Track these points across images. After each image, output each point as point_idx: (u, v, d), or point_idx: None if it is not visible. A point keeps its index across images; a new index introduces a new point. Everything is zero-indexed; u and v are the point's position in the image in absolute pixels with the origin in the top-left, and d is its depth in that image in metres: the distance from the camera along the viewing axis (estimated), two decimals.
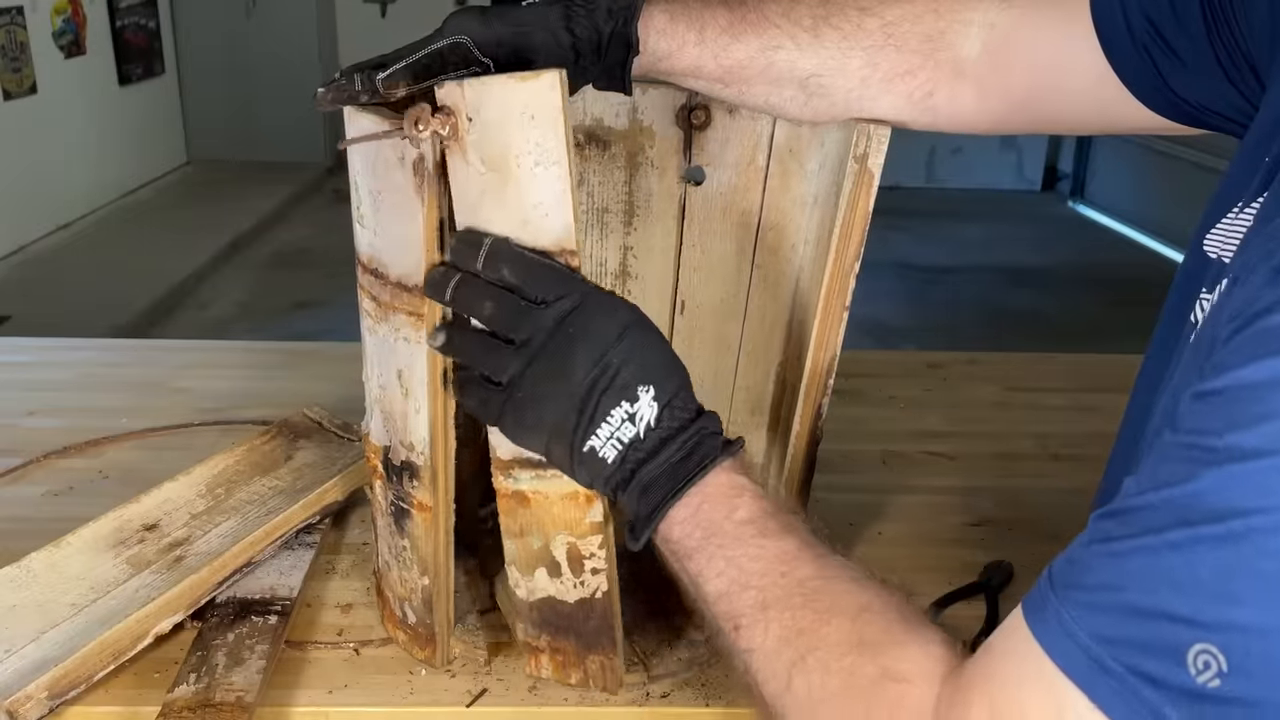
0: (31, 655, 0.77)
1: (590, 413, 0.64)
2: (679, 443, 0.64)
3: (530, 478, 0.72)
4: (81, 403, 1.26)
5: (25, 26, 5.23)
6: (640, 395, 0.64)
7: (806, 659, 0.56)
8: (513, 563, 0.76)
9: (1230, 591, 0.42)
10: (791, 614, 0.58)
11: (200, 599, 0.83)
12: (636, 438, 0.64)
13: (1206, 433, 0.44)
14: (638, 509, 0.65)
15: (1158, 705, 0.43)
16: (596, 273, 0.96)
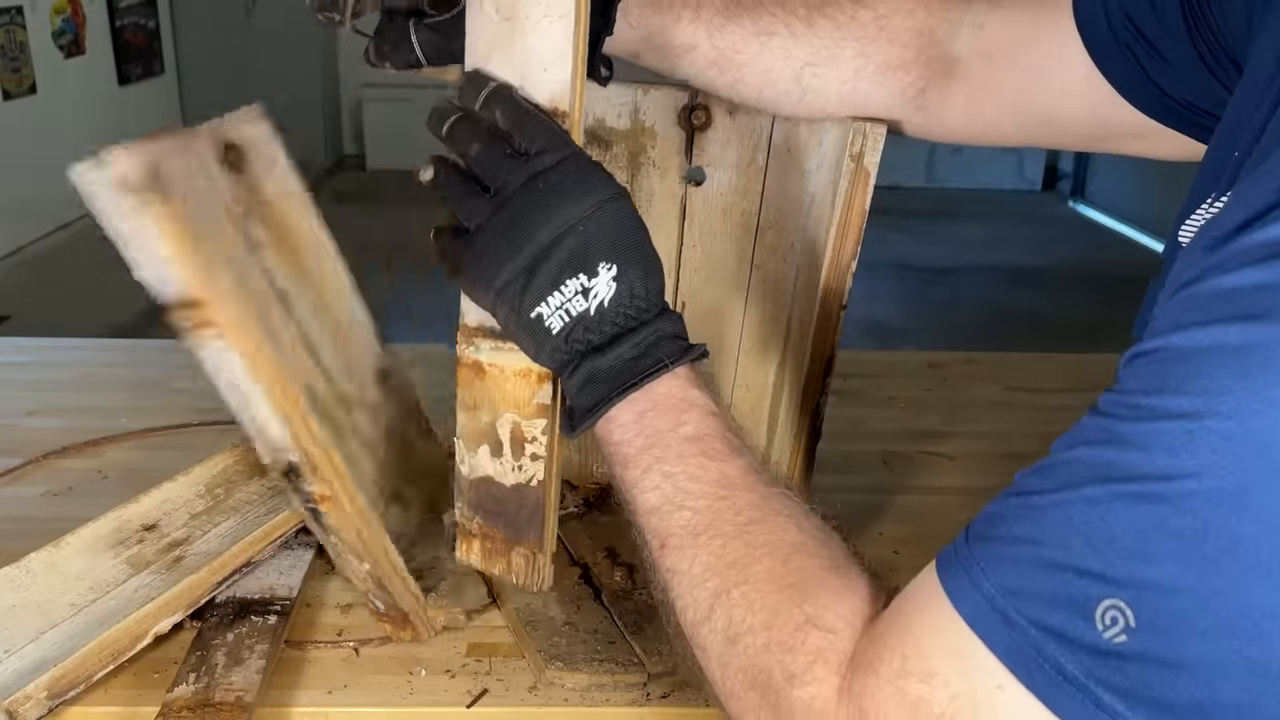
0: (31, 655, 0.77)
1: (543, 276, 0.61)
2: (635, 339, 0.62)
3: (490, 348, 0.71)
4: (81, 403, 1.26)
5: (25, 26, 5.23)
6: (600, 271, 0.61)
7: (731, 592, 0.55)
8: (460, 437, 0.75)
9: (1144, 550, 0.42)
10: (723, 543, 0.56)
11: (200, 599, 0.83)
12: (586, 313, 0.61)
13: (1133, 392, 0.44)
14: (578, 399, 0.63)
15: (1058, 659, 0.43)
16: None
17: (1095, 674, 0.43)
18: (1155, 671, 0.42)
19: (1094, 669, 0.43)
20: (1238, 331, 0.41)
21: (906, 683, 0.47)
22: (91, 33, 5.95)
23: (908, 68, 0.78)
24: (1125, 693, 0.42)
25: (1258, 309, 0.41)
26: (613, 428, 0.62)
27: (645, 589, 0.89)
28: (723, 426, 0.61)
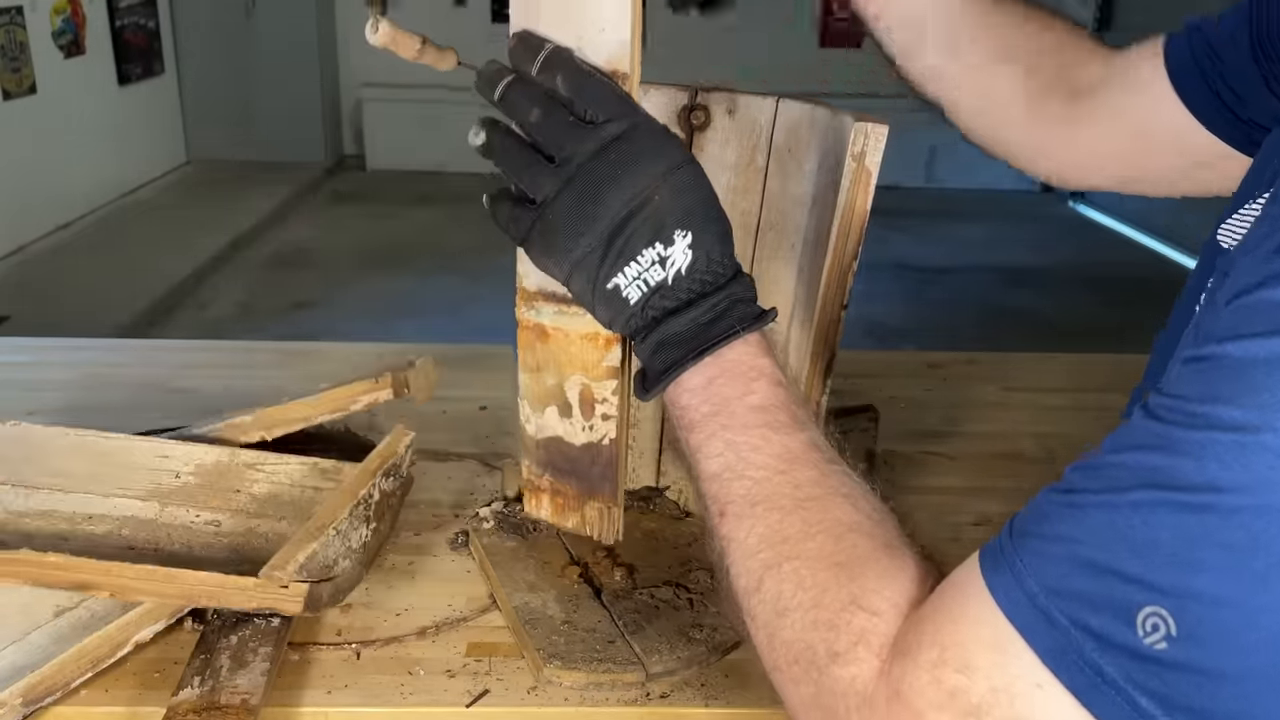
0: (11, 659, 0.77)
1: (620, 247, 0.61)
2: (709, 304, 0.62)
3: (553, 312, 0.70)
4: (81, 403, 1.26)
5: (25, 26, 5.23)
6: (676, 239, 0.61)
7: (783, 566, 0.55)
8: (524, 398, 0.75)
9: (1190, 559, 0.42)
10: (779, 516, 0.57)
11: (184, 607, 0.82)
12: (664, 283, 0.61)
13: (1188, 399, 0.44)
14: (652, 363, 0.63)
15: (1097, 661, 0.43)
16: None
17: (1134, 678, 0.43)
18: (1194, 681, 0.42)
19: (1133, 673, 0.43)
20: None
21: (943, 672, 0.47)
22: (91, 33, 5.95)
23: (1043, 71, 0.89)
24: (1163, 699, 0.42)
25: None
26: (681, 391, 0.62)
27: (645, 589, 0.90)
28: (788, 398, 0.61)
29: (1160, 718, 0.42)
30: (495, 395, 1.31)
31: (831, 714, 0.52)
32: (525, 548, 0.95)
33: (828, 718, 0.52)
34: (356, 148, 7.60)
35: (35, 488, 0.95)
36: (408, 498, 1.00)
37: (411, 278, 5.27)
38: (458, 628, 0.87)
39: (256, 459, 0.98)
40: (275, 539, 0.89)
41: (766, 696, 0.81)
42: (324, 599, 0.81)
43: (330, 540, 0.83)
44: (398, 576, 0.94)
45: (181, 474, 0.97)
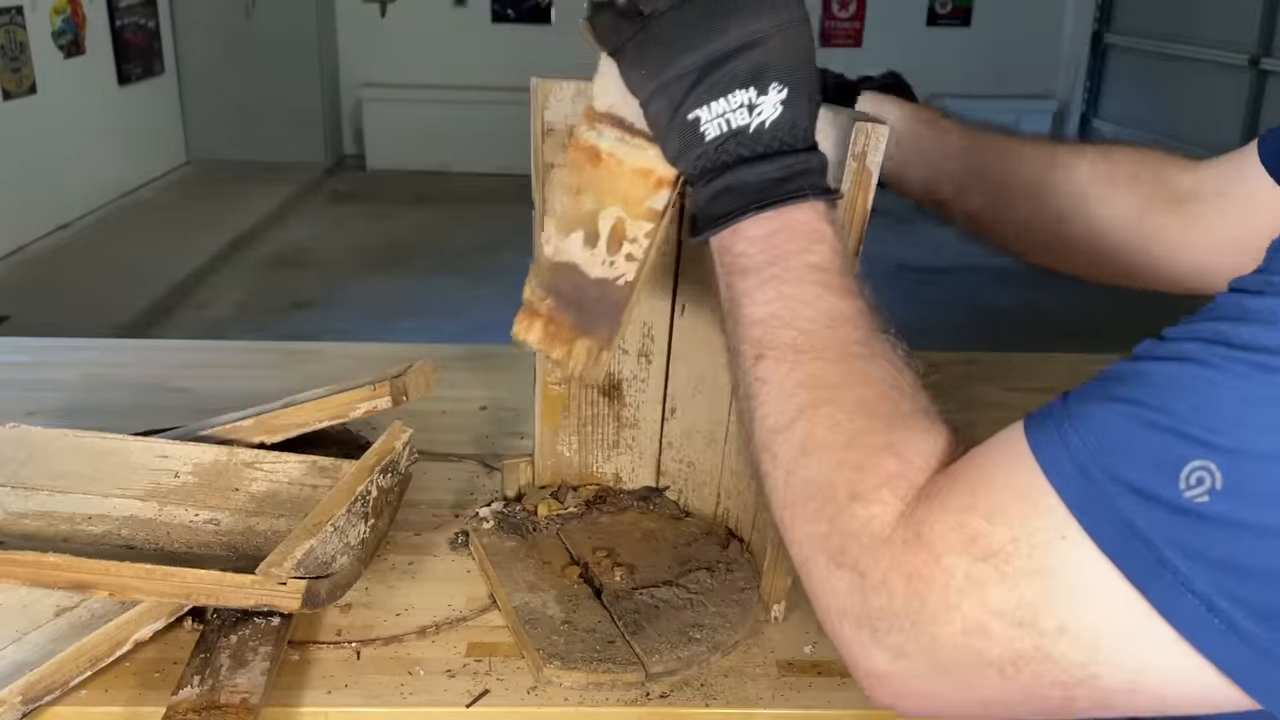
0: (11, 657, 0.78)
1: (714, 80, 0.61)
2: (783, 162, 0.61)
3: (614, 137, 0.69)
4: (81, 403, 1.26)
5: (25, 26, 5.23)
6: (771, 91, 0.61)
7: (820, 409, 0.56)
8: (552, 217, 0.74)
9: (1250, 417, 0.43)
10: (822, 365, 0.57)
11: (183, 605, 0.82)
12: (745, 129, 0.61)
13: (1268, 271, 0.46)
14: (710, 207, 0.63)
15: (1130, 515, 0.44)
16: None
17: (1166, 532, 0.43)
18: (1233, 535, 0.42)
19: (1166, 527, 0.43)
20: None
21: (969, 517, 0.47)
22: (91, 33, 5.95)
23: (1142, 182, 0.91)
24: (1193, 553, 0.43)
25: None
26: (738, 239, 0.62)
27: (645, 589, 0.90)
28: (845, 268, 0.61)
29: (1184, 571, 0.43)
30: (495, 395, 1.31)
31: (839, 552, 0.52)
32: (525, 548, 0.95)
33: (834, 557, 0.52)
34: (356, 148, 7.60)
35: (35, 488, 0.95)
36: (408, 497, 1.00)
37: (411, 278, 5.27)
38: (458, 628, 0.87)
39: (255, 458, 0.98)
40: (274, 537, 0.89)
41: (766, 697, 0.81)
42: (322, 596, 0.81)
43: (328, 537, 0.83)
44: (398, 576, 0.94)
45: (180, 473, 0.97)
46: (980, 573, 0.46)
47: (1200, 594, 0.43)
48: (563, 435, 1.02)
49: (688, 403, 1.00)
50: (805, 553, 0.54)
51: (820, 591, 0.53)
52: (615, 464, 1.04)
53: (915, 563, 0.48)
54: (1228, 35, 6.18)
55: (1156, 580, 0.43)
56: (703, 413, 0.99)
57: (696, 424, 1.00)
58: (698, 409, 1.00)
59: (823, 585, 0.53)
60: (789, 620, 0.90)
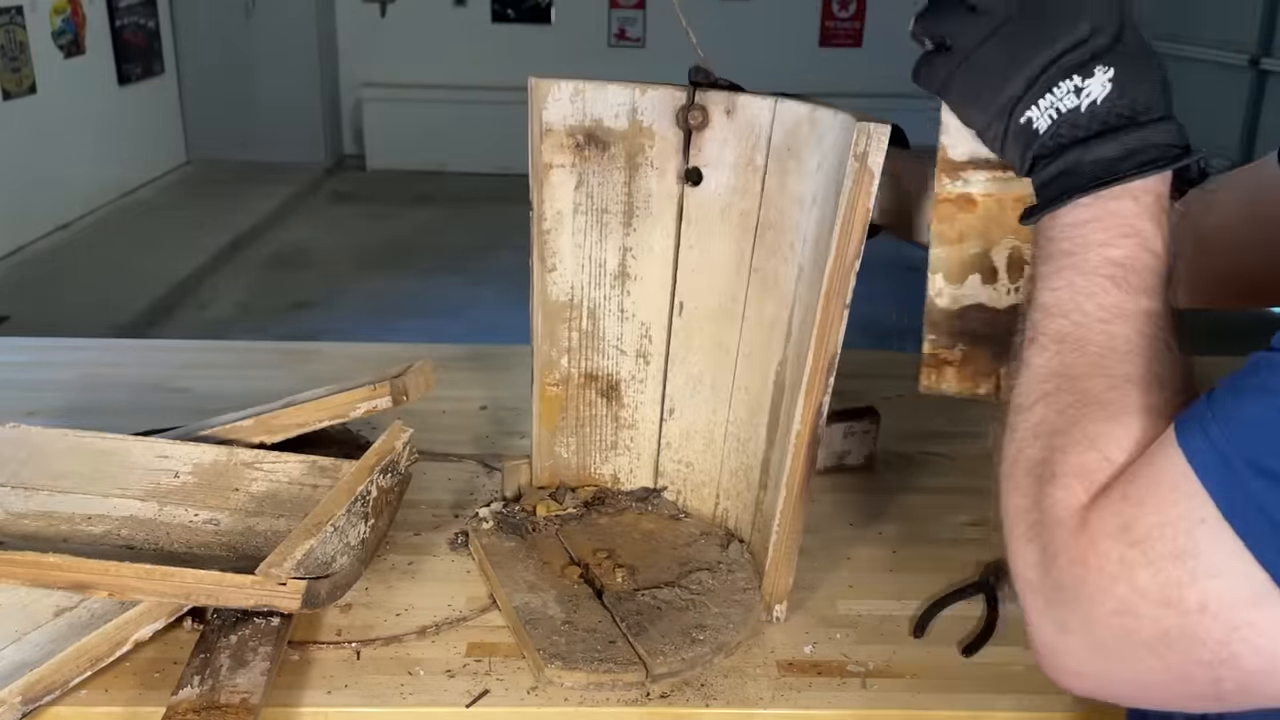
0: (11, 657, 0.77)
1: (1037, 85, 0.63)
2: (1118, 139, 0.61)
3: (984, 179, 0.72)
4: (81, 403, 1.26)
5: (25, 26, 5.23)
6: (1096, 72, 0.61)
7: (1059, 396, 0.58)
8: (938, 271, 0.75)
9: None
10: (1077, 357, 0.59)
11: (182, 605, 0.82)
12: (1075, 110, 0.62)
13: None
14: (1044, 191, 0.64)
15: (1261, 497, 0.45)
16: (595, 274, 0.96)
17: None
18: None
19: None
20: None
21: (1123, 505, 0.51)
22: (91, 33, 5.95)
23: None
24: None
25: None
26: (1054, 225, 0.63)
27: (647, 590, 0.89)
28: (1153, 267, 0.60)
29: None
30: (495, 395, 1.31)
31: (1031, 528, 0.55)
32: (525, 548, 0.95)
33: (1029, 529, 0.55)
34: (356, 148, 7.59)
35: (35, 489, 0.95)
36: (408, 497, 1.00)
37: (411, 278, 5.27)
38: (458, 628, 0.87)
39: (255, 458, 0.98)
40: (274, 537, 0.89)
41: (766, 697, 0.81)
42: (322, 596, 0.81)
43: (328, 537, 0.83)
44: (398, 576, 0.94)
45: (180, 474, 0.97)
46: (1131, 557, 0.49)
47: None
48: (561, 436, 1.02)
49: (686, 403, 1.00)
50: (1010, 521, 0.58)
51: (1015, 557, 0.57)
52: (613, 465, 1.04)
53: (1079, 547, 0.52)
54: (1228, 35, 6.18)
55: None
56: (702, 413, 0.99)
57: (695, 425, 1.00)
58: (696, 410, 1.00)
59: (1017, 553, 0.57)
60: (789, 620, 0.89)
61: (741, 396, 0.95)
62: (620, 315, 0.98)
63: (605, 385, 1.00)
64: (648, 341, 0.98)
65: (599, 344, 0.98)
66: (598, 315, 0.97)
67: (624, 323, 0.98)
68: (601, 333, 0.98)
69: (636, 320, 0.98)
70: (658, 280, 0.96)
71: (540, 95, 0.90)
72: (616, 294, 0.97)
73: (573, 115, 0.90)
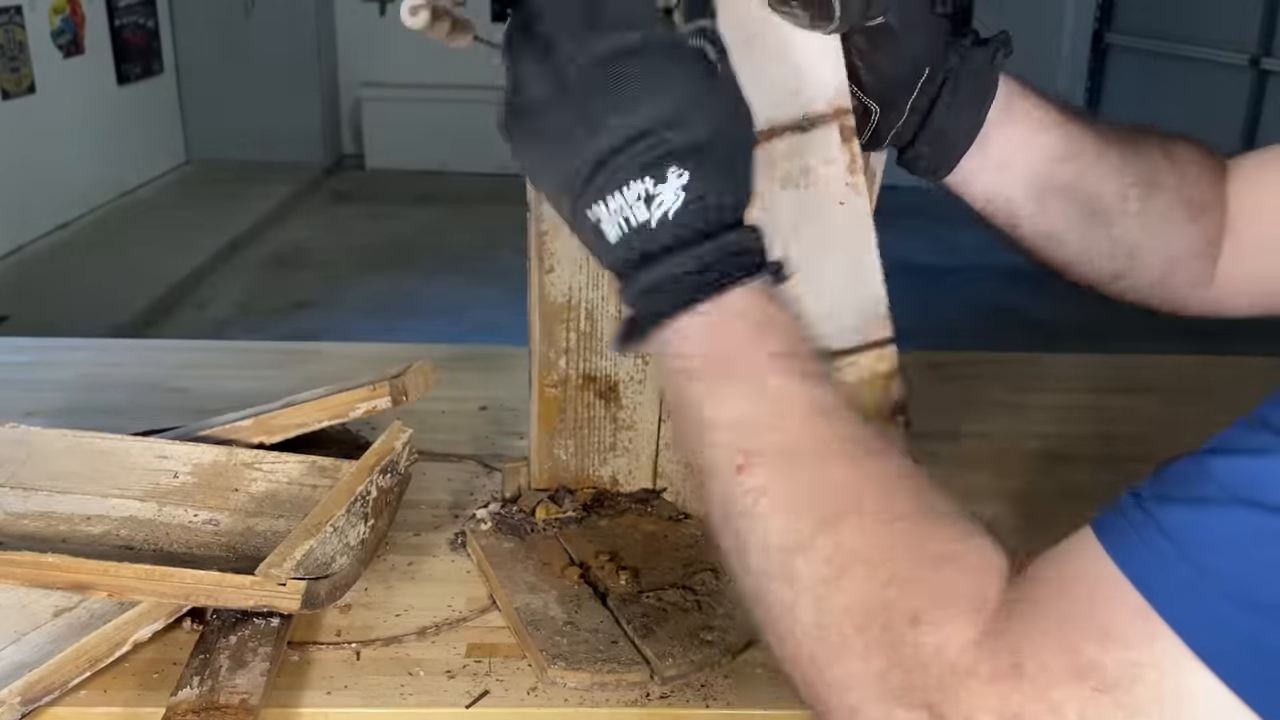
0: (10, 658, 0.77)
1: (606, 176, 0.54)
2: (692, 253, 0.53)
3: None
4: (80, 403, 1.26)
5: (24, 26, 5.23)
6: (670, 177, 0.53)
7: (844, 519, 0.48)
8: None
9: None
10: (827, 468, 0.50)
11: (182, 606, 0.82)
12: (646, 224, 0.54)
13: None
14: (640, 309, 0.56)
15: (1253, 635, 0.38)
16: (593, 274, 0.96)
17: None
18: None
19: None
20: None
21: (1076, 641, 0.41)
22: (91, 32, 5.95)
23: (1211, 210, 0.77)
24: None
25: None
26: (678, 340, 0.54)
27: (651, 592, 0.89)
28: (808, 352, 0.55)
29: None
30: (495, 395, 1.31)
31: (904, 691, 0.44)
32: (524, 549, 0.95)
33: (897, 697, 0.44)
34: (356, 147, 7.59)
35: (34, 489, 0.95)
36: (407, 498, 1.00)
37: (412, 278, 5.27)
38: (457, 628, 0.87)
39: (254, 458, 0.98)
40: (274, 537, 0.89)
41: (766, 697, 0.81)
42: (322, 596, 0.81)
43: (328, 537, 0.82)
44: (397, 577, 0.94)
45: (180, 474, 0.97)
46: (1099, 707, 0.40)
47: None
48: (559, 439, 1.02)
49: None
50: (854, 699, 0.46)
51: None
52: (612, 466, 1.04)
53: (1015, 700, 0.41)
54: (1228, 35, 6.18)
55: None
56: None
57: None
58: None
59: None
60: None
61: None
62: (619, 316, 0.97)
63: (604, 387, 1.00)
64: None
65: (597, 345, 0.98)
66: (596, 316, 0.97)
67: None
68: (600, 334, 0.98)
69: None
70: None
71: None
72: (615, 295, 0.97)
73: None
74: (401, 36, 7.70)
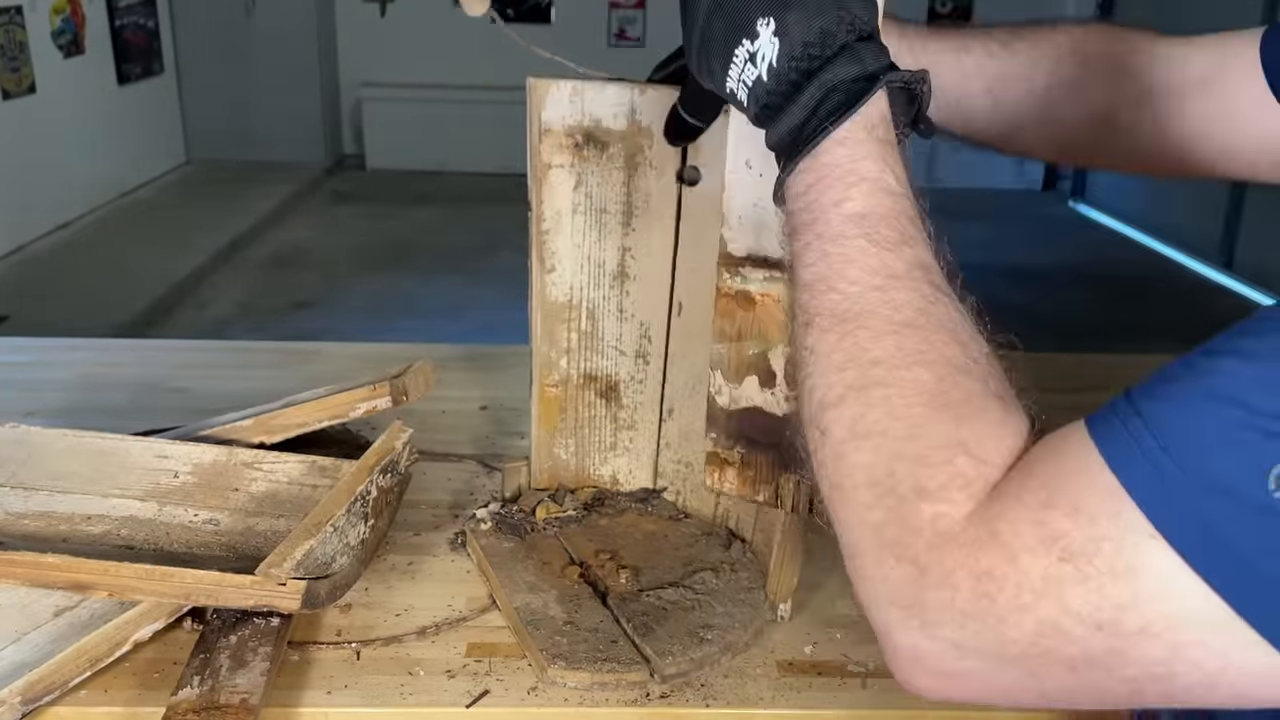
0: (11, 657, 0.77)
1: (712, 50, 0.59)
2: (803, 100, 0.56)
3: (761, 278, 0.69)
4: (81, 403, 1.26)
5: (24, 26, 5.23)
6: (760, 30, 0.56)
7: (872, 390, 0.52)
8: (717, 368, 0.73)
9: None
10: (871, 336, 0.53)
11: (182, 605, 0.82)
12: (760, 80, 0.57)
13: None
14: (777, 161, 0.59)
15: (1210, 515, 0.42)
16: (595, 274, 0.96)
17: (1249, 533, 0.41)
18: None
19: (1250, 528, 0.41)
20: None
21: (1049, 514, 0.45)
22: (91, 32, 5.94)
23: (1099, 90, 0.81)
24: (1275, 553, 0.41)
25: None
26: (789, 198, 0.58)
27: (651, 590, 0.89)
28: (894, 209, 0.56)
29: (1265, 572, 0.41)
30: (495, 395, 1.31)
31: (897, 546, 0.49)
32: (524, 549, 0.95)
33: (889, 548, 0.49)
34: (356, 147, 7.59)
35: (34, 489, 0.95)
36: (407, 498, 1.00)
37: (411, 278, 5.27)
38: (458, 628, 0.87)
39: (254, 458, 0.98)
40: (274, 537, 0.89)
41: (766, 697, 0.81)
42: (322, 596, 0.81)
43: (328, 537, 0.83)
44: (398, 576, 0.94)
45: (180, 474, 0.97)
46: (1060, 573, 0.44)
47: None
48: (560, 438, 1.02)
49: (685, 403, 1.00)
50: (854, 536, 0.51)
51: (867, 577, 0.50)
52: (612, 466, 1.04)
53: (987, 561, 0.46)
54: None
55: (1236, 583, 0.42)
56: (701, 413, 0.99)
57: (695, 424, 1.00)
58: (696, 409, 0.99)
59: (872, 572, 0.50)
60: (790, 621, 0.89)
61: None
62: (620, 315, 0.97)
63: (604, 386, 1.00)
64: (647, 342, 0.98)
65: (598, 344, 0.98)
66: (597, 316, 0.97)
67: (623, 323, 0.98)
68: (601, 333, 0.98)
69: (636, 320, 0.98)
70: (657, 280, 0.96)
71: (539, 96, 0.90)
72: (616, 294, 0.97)
73: (571, 115, 0.90)
74: (402, 37, 7.66)
